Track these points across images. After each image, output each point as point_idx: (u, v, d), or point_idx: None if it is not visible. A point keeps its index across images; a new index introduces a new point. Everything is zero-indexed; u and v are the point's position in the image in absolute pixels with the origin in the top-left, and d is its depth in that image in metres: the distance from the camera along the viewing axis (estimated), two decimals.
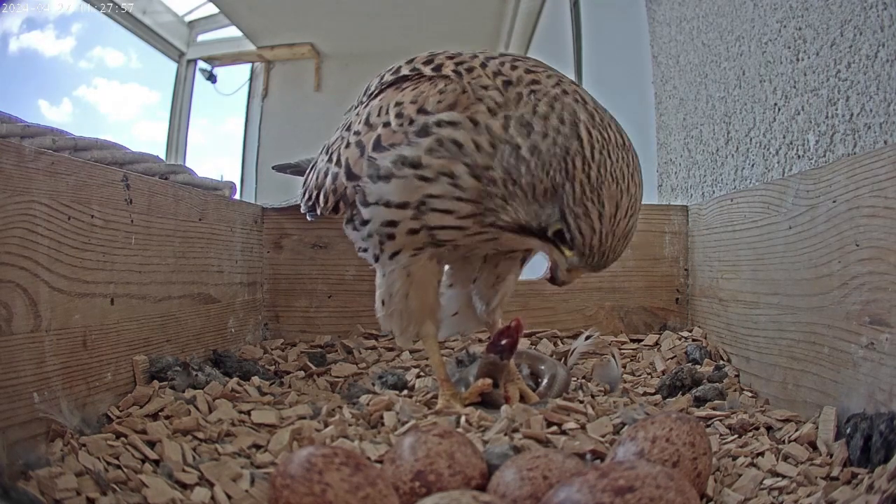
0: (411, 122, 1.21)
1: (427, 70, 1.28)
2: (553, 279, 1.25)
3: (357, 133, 1.31)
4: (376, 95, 1.34)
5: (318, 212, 1.44)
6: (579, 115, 1.15)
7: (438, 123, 1.19)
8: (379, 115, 1.28)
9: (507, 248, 1.37)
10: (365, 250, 1.35)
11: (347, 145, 1.33)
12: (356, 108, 1.42)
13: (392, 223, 1.26)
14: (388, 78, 1.34)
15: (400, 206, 1.23)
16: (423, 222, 1.24)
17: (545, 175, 1.14)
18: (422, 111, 1.21)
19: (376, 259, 1.34)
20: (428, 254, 1.31)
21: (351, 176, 1.30)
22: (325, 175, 1.39)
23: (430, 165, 1.19)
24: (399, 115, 1.23)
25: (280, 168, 2.00)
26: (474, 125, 1.18)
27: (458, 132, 1.18)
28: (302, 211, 1.54)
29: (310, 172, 1.52)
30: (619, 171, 1.13)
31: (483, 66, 1.24)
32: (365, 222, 1.30)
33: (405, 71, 1.31)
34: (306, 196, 1.50)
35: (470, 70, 1.24)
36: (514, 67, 1.24)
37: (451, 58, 1.28)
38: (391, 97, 1.28)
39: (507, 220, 1.19)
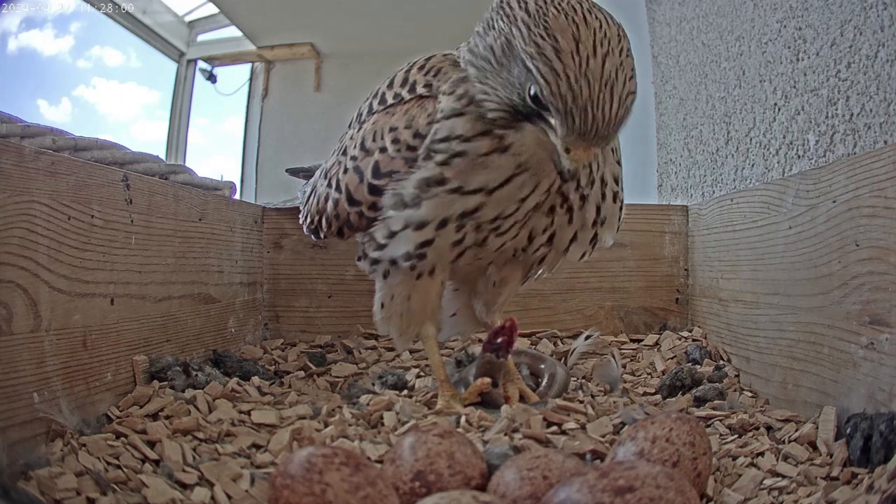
0: (408, 147, 1.21)
1: (405, 93, 1.28)
2: (560, 172, 1.08)
3: (354, 158, 1.32)
4: (367, 121, 1.35)
5: (322, 235, 1.45)
6: None
7: (433, 142, 1.19)
8: (374, 139, 1.28)
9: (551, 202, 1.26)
10: (375, 271, 1.35)
11: (346, 171, 1.33)
12: (349, 132, 1.42)
13: (427, 243, 1.23)
14: (377, 106, 1.34)
15: (440, 224, 1.21)
16: (465, 234, 1.22)
17: (491, 30, 1.08)
18: (417, 135, 1.21)
19: (386, 275, 1.33)
20: (443, 270, 1.31)
21: (352, 202, 1.31)
22: (326, 200, 1.39)
23: (452, 176, 1.18)
24: (395, 141, 1.24)
25: (293, 171, 2.00)
26: (456, 98, 1.17)
27: (453, 122, 1.17)
28: (306, 232, 1.55)
29: (310, 196, 1.52)
30: (566, 3, 1.00)
31: (453, 65, 1.23)
32: (376, 261, 1.30)
33: (390, 98, 1.31)
34: (308, 219, 1.51)
35: (437, 72, 1.24)
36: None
37: (421, 68, 1.28)
38: (384, 122, 1.28)
39: (497, 104, 1.10)
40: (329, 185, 1.39)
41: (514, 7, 1.03)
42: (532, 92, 1.02)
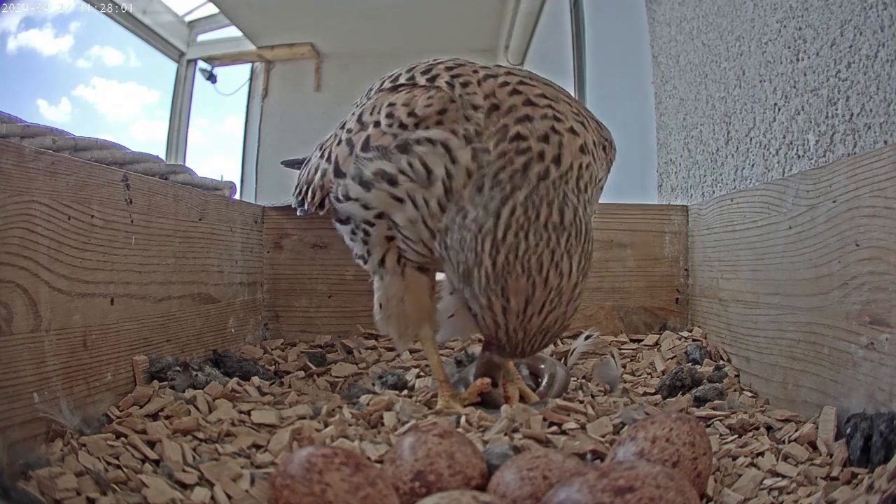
0: (401, 124, 1.18)
1: (422, 80, 1.25)
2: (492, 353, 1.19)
3: (349, 131, 1.31)
4: (371, 98, 1.34)
5: (306, 207, 1.45)
6: (520, 190, 1.05)
7: (418, 141, 1.16)
8: (371, 114, 1.27)
9: None
10: (359, 256, 1.37)
11: (339, 143, 1.33)
12: (352, 109, 1.42)
13: (369, 223, 1.26)
14: (388, 85, 1.32)
15: (377, 215, 1.24)
16: (396, 238, 1.25)
17: (461, 251, 1.07)
18: (411, 114, 1.18)
19: (365, 262, 1.36)
20: (412, 264, 1.32)
21: (339, 173, 1.30)
22: (316, 171, 1.39)
23: (402, 185, 1.18)
24: (389, 116, 1.21)
25: (288, 163, 2.00)
26: (446, 151, 1.13)
27: (431, 156, 1.14)
28: (292, 205, 1.54)
29: (303, 168, 1.53)
30: (535, 259, 1.02)
31: (481, 83, 1.18)
32: (345, 220, 1.31)
33: (402, 80, 1.29)
34: (297, 190, 1.51)
35: (465, 84, 1.19)
36: (513, 93, 1.15)
37: (449, 69, 1.24)
38: (384, 98, 1.27)
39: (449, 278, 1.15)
40: (322, 157, 1.39)
41: (484, 250, 1.04)
42: (475, 312, 1.09)
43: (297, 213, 1.55)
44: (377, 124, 1.23)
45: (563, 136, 1.12)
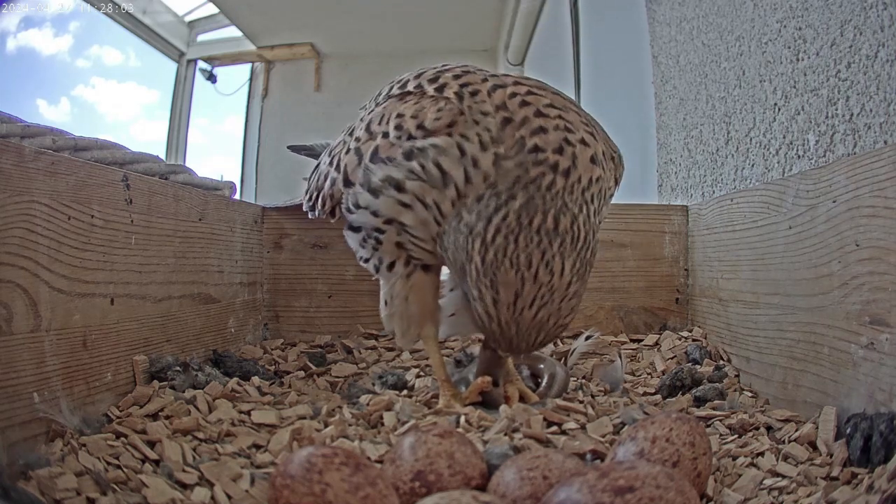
0: (409, 136, 1.19)
1: (430, 89, 1.24)
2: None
3: (358, 139, 1.31)
4: (380, 104, 1.33)
5: (317, 213, 1.45)
6: (515, 198, 1.09)
7: (424, 149, 1.17)
8: (380, 123, 1.27)
9: None
10: (366, 260, 1.37)
11: (347, 151, 1.33)
12: (361, 114, 1.42)
13: (380, 231, 1.27)
14: (396, 91, 1.31)
15: (387, 221, 1.25)
16: (404, 240, 1.26)
17: (455, 250, 1.13)
18: (420, 127, 1.18)
19: (377, 270, 1.36)
20: (421, 265, 1.33)
21: (348, 183, 1.31)
22: (325, 178, 1.40)
23: (409, 190, 1.19)
24: (398, 128, 1.22)
25: (295, 148, 2.01)
26: (462, 154, 1.14)
27: (446, 159, 1.15)
28: (304, 209, 1.54)
29: (313, 173, 1.53)
30: (524, 257, 1.05)
31: (490, 93, 1.18)
32: (356, 229, 1.31)
33: (411, 87, 1.29)
34: (308, 196, 1.51)
35: (474, 94, 1.19)
36: (524, 104, 1.16)
37: (457, 77, 1.23)
38: (393, 107, 1.27)
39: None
40: (331, 164, 1.39)
41: (474, 248, 1.09)
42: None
43: (309, 216, 1.55)
44: (385, 135, 1.23)
45: (575, 148, 1.14)
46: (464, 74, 1.24)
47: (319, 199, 1.42)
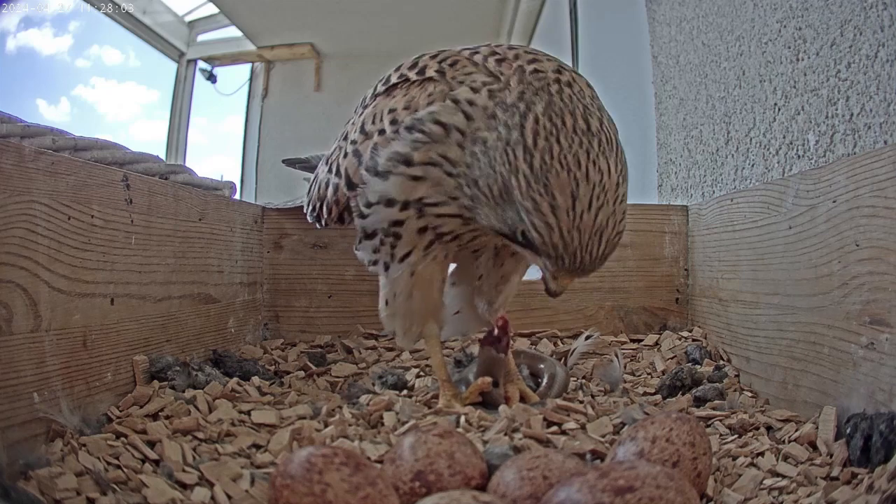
0: (407, 127, 1.19)
1: (412, 75, 1.25)
2: (547, 289, 1.16)
3: (353, 142, 1.30)
4: (369, 105, 1.33)
5: (324, 222, 1.44)
6: (535, 104, 1.06)
7: (421, 118, 1.17)
8: (373, 122, 1.26)
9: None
10: (375, 263, 1.33)
11: (345, 155, 1.32)
12: (351, 118, 1.41)
13: (398, 223, 1.23)
14: (381, 89, 1.32)
15: (403, 206, 1.21)
16: (427, 221, 1.22)
17: (493, 171, 1.06)
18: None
19: (387, 268, 1.31)
20: (438, 251, 1.28)
21: (351, 185, 1.30)
22: (327, 186, 1.38)
23: (418, 162, 1.17)
24: (394, 122, 1.21)
25: (289, 162, 2.00)
26: (455, 104, 1.14)
27: (443, 112, 1.15)
28: (309, 219, 1.54)
29: (312, 184, 1.52)
30: (571, 157, 1.01)
31: (471, 56, 1.21)
32: (370, 235, 1.28)
33: (394, 79, 1.29)
34: (311, 207, 1.50)
35: (454, 63, 1.21)
36: (511, 48, 1.21)
37: (434, 56, 1.25)
38: (384, 104, 1.26)
39: (485, 224, 1.14)
40: (330, 171, 1.38)
41: (518, 157, 1.03)
42: (524, 235, 1.07)
43: (317, 227, 1.54)
44: (382, 132, 1.23)
45: (572, 73, 1.17)
46: (440, 53, 1.25)
47: (324, 208, 1.41)
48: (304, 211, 1.56)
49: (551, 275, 1.11)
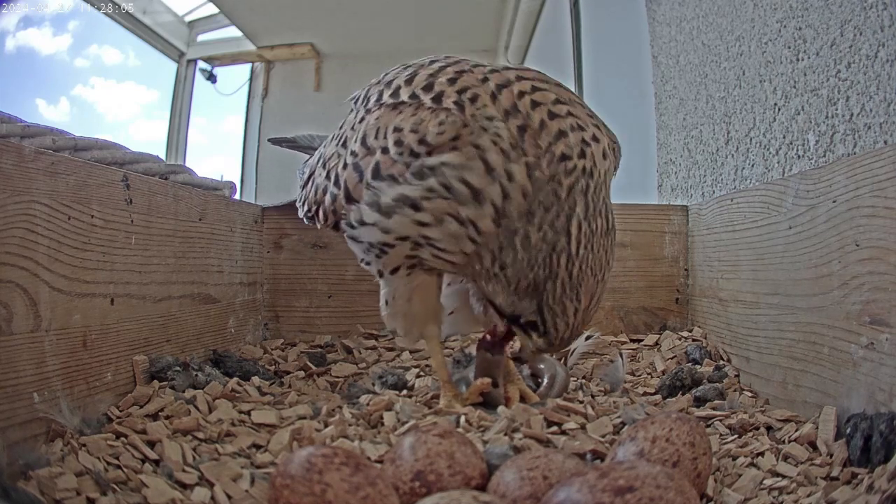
0: (412, 152, 1.16)
1: (427, 99, 1.18)
2: (518, 359, 1.25)
3: (354, 154, 1.27)
4: (373, 112, 1.27)
5: (318, 225, 1.44)
6: (576, 207, 1.12)
7: (435, 167, 1.14)
8: (377, 137, 1.22)
9: None
10: (368, 263, 1.35)
11: (345, 166, 1.29)
12: (352, 120, 1.36)
13: (388, 245, 1.24)
14: (388, 99, 1.25)
15: (400, 238, 1.22)
16: (419, 254, 1.23)
17: (530, 270, 1.12)
18: (422, 142, 1.15)
19: (380, 275, 1.35)
20: (420, 271, 1.32)
21: (350, 199, 1.28)
22: (325, 193, 1.36)
23: (429, 210, 1.16)
24: (398, 143, 1.18)
25: (276, 141, 2.00)
26: (488, 168, 1.12)
27: (468, 174, 1.13)
28: (302, 218, 1.54)
29: (308, 182, 1.50)
30: (597, 262, 1.13)
31: (493, 96, 1.15)
32: (358, 241, 1.29)
33: (404, 96, 1.22)
34: (305, 207, 1.49)
35: (474, 99, 1.15)
36: (534, 105, 1.15)
37: (453, 82, 1.18)
38: (389, 119, 1.21)
39: (487, 294, 1.19)
40: (328, 178, 1.35)
41: (560, 265, 1.11)
42: (531, 320, 1.15)
43: (306, 223, 1.54)
44: (385, 150, 1.20)
45: (591, 147, 1.16)
46: (459, 77, 1.19)
47: (320, 213, 1.40)
48: (297, 206, 1.56)
49: (534, 350, 1.20)
